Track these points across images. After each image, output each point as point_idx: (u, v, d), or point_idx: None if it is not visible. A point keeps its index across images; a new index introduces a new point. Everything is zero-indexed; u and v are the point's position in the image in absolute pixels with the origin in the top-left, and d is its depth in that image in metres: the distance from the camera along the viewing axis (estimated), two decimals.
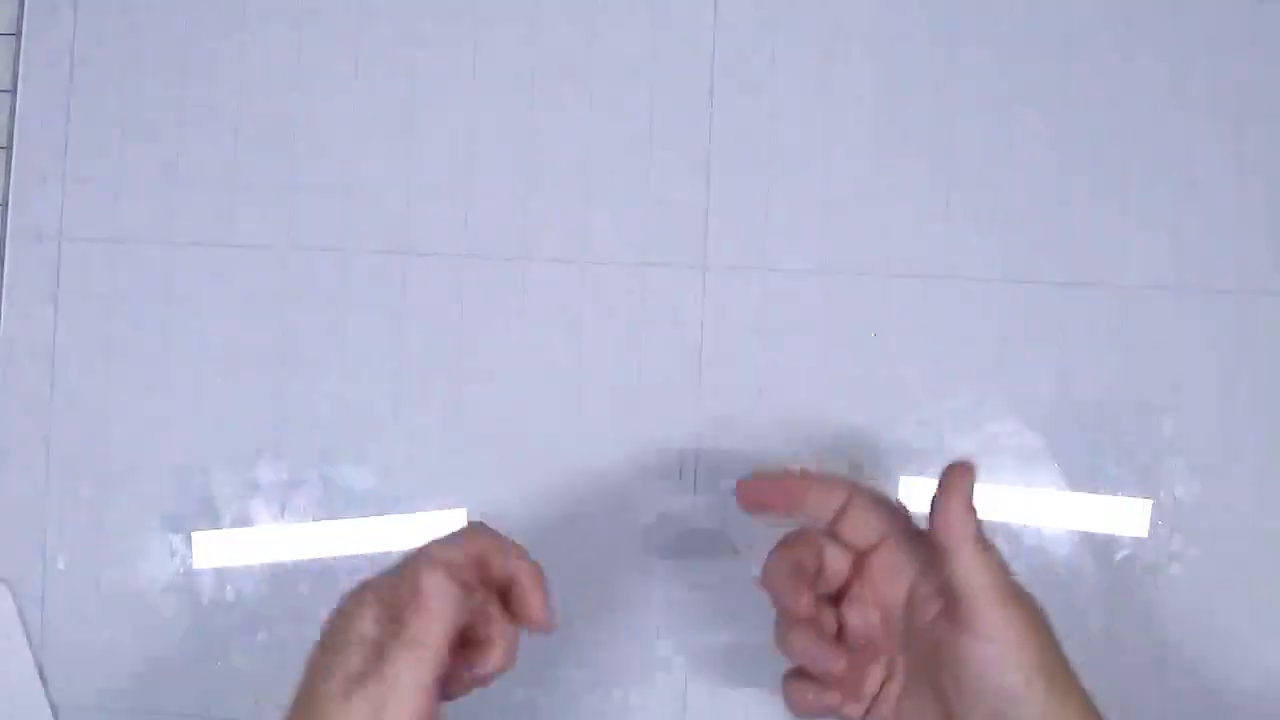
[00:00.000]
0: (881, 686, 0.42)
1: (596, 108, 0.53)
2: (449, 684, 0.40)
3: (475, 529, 0.43)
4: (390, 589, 0.40)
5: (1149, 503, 0.51)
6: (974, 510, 0.40)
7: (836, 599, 0.43)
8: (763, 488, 0.43)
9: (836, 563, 0.42)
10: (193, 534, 0.53)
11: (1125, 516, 0.51)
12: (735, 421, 0.52)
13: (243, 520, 0.53)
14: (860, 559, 0.43)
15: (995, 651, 0.39)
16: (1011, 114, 0.52)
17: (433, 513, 0.52)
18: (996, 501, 0.51)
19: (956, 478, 0.40)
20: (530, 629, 0.42)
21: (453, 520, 0.52)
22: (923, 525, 0.41)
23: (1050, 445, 0.51)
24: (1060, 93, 0.52)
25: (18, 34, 0.54)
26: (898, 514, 0.43)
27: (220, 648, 0.52)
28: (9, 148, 0.54)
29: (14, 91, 0.54)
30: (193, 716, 0.52)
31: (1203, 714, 0.50)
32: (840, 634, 0.42)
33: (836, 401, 0.52)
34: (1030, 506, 0.51)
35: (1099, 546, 0.51)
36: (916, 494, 0.51)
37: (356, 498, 0.53)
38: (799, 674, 0.42)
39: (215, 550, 0.53)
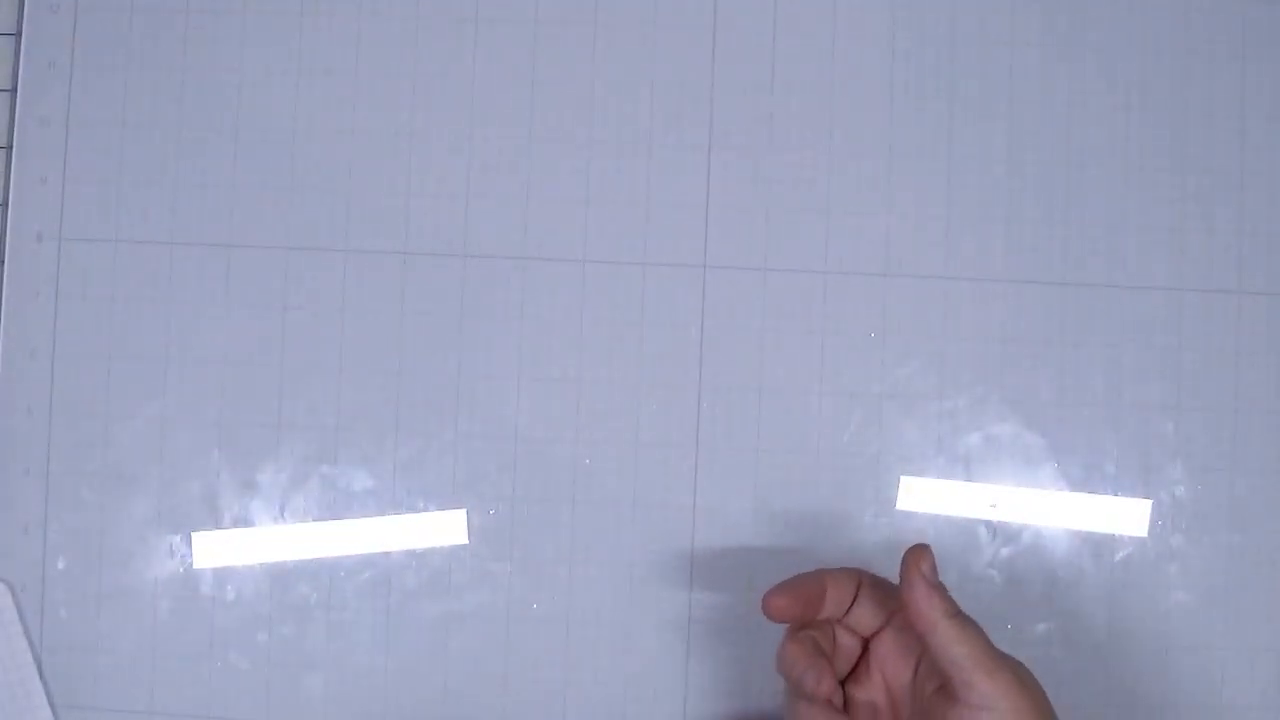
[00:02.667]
0: None
1: (597, 107, 0.53)
2: None
3: None
4: None
5: (1149, 503, 0.51)
6: (939, 588, 0.41)
7: (844, 678, 0.45)
8: (788, 604, 0.44)
9: (848, 645, 0.44)
10: (193, 534, 0.53)
11: (1125, 516, 0.51)
12: (735, 421, 0.52)
13: (243, 520, 0.53)
14: (868, 640, 0.44)
15: None
16: (1011, 114, 0.52)
17: (433, 513, 0.52)
18: (997, 501, 0.51)
19: (912, 563, 0.42)
20: None
21: (452, 520, 0.52)
22: None
23: (1050, 445, 0.51)
24: (1060, 93, 0.52)
25: (18, 34, 0.54)
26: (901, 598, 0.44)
27: (220, 648, 0.52)
28: (9, 148, 0.54)
29: (14, 91, 0.54)
30: (193, 716, 0.52)
31: (1203, 714, 0.50)
32: (846, 710, 0.44)
33: (836, 401, 0.52)
34: (1030, 506, 0.51)
35: (1099, 546, 0.51)
36: (916, 494, 0.51)
37: (356, 498, 0.53)
38: None
39: (215, 550, 0.53)
